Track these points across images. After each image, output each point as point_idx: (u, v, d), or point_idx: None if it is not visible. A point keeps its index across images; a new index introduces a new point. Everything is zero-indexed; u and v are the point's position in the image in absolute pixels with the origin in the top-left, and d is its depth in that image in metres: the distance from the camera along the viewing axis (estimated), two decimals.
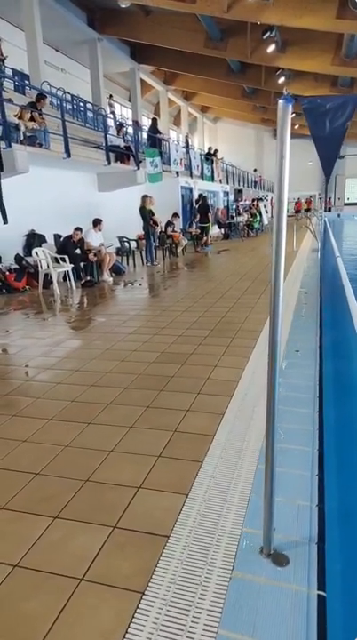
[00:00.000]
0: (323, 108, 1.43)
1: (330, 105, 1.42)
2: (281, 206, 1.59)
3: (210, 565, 1.90)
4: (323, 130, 1.43)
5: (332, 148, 1.48)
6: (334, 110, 1.42)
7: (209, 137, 37.85)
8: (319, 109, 1.43)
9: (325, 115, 1.42)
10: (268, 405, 1.85)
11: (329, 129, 1.43)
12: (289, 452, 2.73)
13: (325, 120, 1.42)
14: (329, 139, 1.44)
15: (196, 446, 2.84)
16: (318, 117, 1.43)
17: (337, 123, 1.42)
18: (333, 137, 1.44)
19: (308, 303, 6.66)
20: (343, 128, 1.42)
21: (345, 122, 1.42)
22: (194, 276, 10.29)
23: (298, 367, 4.12)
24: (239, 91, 26.88)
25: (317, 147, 1.46)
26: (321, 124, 1.43)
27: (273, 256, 1.70)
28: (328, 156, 1.48)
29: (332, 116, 1.42)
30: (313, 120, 1.44)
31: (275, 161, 1.56)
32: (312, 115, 1.44)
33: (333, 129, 1.42)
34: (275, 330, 1.77)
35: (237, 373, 4.03)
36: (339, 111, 1.42)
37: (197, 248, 15.19)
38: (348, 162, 39.84)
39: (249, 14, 14.33)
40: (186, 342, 5.04)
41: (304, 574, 1.85)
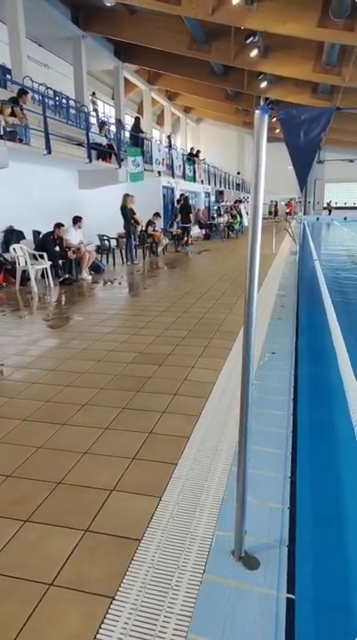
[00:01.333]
0: (299, 119, 1.45)
1: (305, 116, 1.44)
2: (257, 212, 1.60)
3: (182, 569, 1.91)
4: (298, 140, 1.45)
5: (306, 158, 1.50)
6: (309, 122, 1.44)
7: (191, 137, 37.92)
8: (294, 120, 1.45)
9: (300, 126, 1.45)
10: (241, 408, 1.87)
11: (303, 140, 1.45)
12: (262, 454, 2.75)
13: (300, 131, 1.45)
14: (303, 149, 1.47)
15: (171, 448, 2.85)
16: (293, 128, 1.45)
17: (312, 134, 1.45)
18: (307, 147, 1.46)
19: (285, 306, 6.74)
20: (317, 139, 1.45)
21: (319, 133, 1.44)
22: (174, 276, 10.30)
23: (274, 369, 4.17)
24: (222, 93, 27.02)
25: (292, 157, 1.48)
26: (296, 135, 1.45)
27: (247, 260, 1.71)
28: (302, 165, 1.50)
29: (307, 128, 1.45)
30: (289, 130, 1.46)
31: (252, 168, 1.57)
32: (287, 125, 1.46)
33: (308, 140, 1.45)
34: (249, 332, 1.79)
35: (214, 375, 4.05)
36: (314, 123, 1.45)
37: (178, 248, 15.21)
38: (327, 167, 40.48)
39: (233, 19, 14.43)
40: (164, 343, 5.04)
41: (274, 577, 1.88)
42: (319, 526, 2.54)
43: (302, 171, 1.49)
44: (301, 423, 3.31)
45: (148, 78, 26.13)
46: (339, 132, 32.14)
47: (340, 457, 3.17)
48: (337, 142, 35.60)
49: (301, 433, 3.17)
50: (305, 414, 3.53)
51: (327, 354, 4.50)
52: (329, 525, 2.58)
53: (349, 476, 2.96)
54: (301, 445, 3.00)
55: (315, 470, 3.00)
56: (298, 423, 3.26)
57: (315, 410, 3.85)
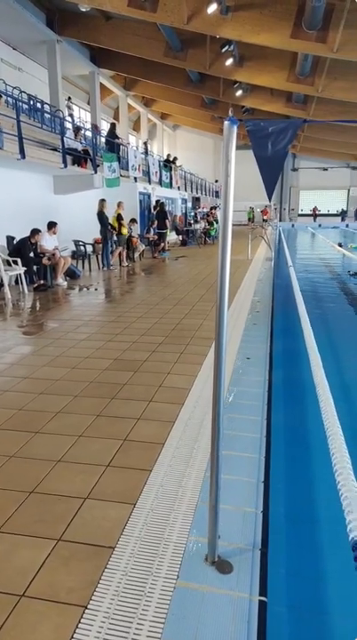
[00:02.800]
0: (266, 131, 1.49)
1: (273, 128, 1.48)
2: (227, 220, 1.63)
3: (155, 575, 1.91)
4: (266, 152, 1.49)
5: (274, 169, 1.54)
6: (276, 134, 1.48)
7: (168, 144, 38.13)
8: (262, 132, 1.49)
9: (268, 137, 1.48)
10: (214, 414, 1.89)
11: (271, 151, 1.49)
12: (237, 459, 2.78)
13: (268, 142, 1.49)
14: (271, 160, 1.51)
15: (146, 455, 2.85)
16: (261, 139, 1.49)
17: (279, 146, 1.49)
18: (275, 159, 1.50)
19: (260, 311, 6.83)
20: (284, 151, 1.49)
21: (286, 145, 1.48)
22: (150, 282, 10.30)
23: (249, 374, 4.21)
24: (198, 100, 27.29)
25: (260, 167, 1.52)
26: (263, 146, 1.49)
27: (218, 267, 1.74)
28: (269, 176, 1.54)
29: (274, 139, 1.49)
30: (257, 142, 1.49)
31: (221, 177, 1.60)
32: (255, 137, 1.49)
33: (275, 151, 1.49)
34: (221, 339, 1.81)
35: (189, 380, 4.07)
36: (281, 135, 1.49)
37: (154, 254, 15.23)
38: (302, 174, 41.33)
39: (209, 28, 14.61)
40: (140, 349, 5.03)
41: (246, 581, 1.89)
42: (292, 529, 2.57)
43: (269, 181, 1.52)
44: (275, 427, 3.36)
45: (124, 84, 26.20)
46: (314, 141, 32.91)
47: (313, 460, 3.23)
48: (311, 151, 36.46)
49: (275, 437, 3.22)
50: (278, 419, 3.58)
51: (300, 358, 4.57)
52: (301, 528, 2.62)
53: (321, 479, 3.01)
54: (275, 449, 3.05)
55: (288, 474, 3.05)
56: (272, 427, 3.30)
57: (289, 414, 3.91)
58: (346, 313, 7.87)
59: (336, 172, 40.28)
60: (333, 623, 2.11)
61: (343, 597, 2.20)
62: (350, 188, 41.24)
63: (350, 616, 2.15)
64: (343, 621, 2.08)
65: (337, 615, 2.11)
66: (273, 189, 1.53)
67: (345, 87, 17.61)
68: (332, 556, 2.39)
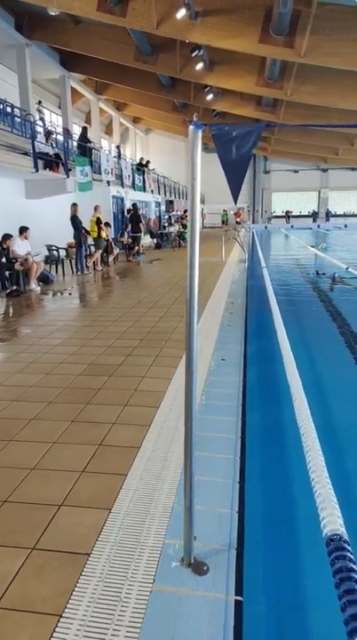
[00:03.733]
0: (230, 135, 1.51)
1: (237, 132, 1.50)
2: (194, 224, 1.65)
3: (131, 580, 1.90)
4: (230, 155, 1.51)
5: (238, 172, 1.56)
6: (240, 137, 1.51)
7: (141, 147, 38.13)
8: (226, 136, 1.51)
9: (232, 141, 1.51)
10: (186, 416, 1.90)
11: (235, 155, 1.51)
12: (212, 460, 2.80)
13: (232, 146, 1.51)
14: (235, 164, 1.53)
15: (121, 459, 2.83)
16: (226, 144, 1.51)
17: (243, 149, 1.51)
18: (239, 162, 1.52)
19: (235, 313, 6.89)
20: (248, 154, 1.52)
21: (250, 148, 1.51)
22: (125, 286, 10.27)
23: (223, 375, 4.24)
24: (170, 104, 27.38)
25: (225, 171, 1.54)
26: (228, 150, 1.51)
27: (187, 270, 1.75)
28: (235, 179, 1.56)
29: (239, 143, 1.51)
30: (221, 146, 1.52)
31: (188, 181, 1.62)
32: (219, 141, 1.52)
33: (239, 155, 1.51)
34: (191, 340, 1.83)
35: (165, 384, 4.07)
36: (245, 138, 1.51)
37: (129, 257, 15.19)
38: (273, 177, 41.93)
39: (178, 32, 14.69)
40: (114, 353, 5.01)
41: (222, 581, 1.91)
42: (268, 528, 2.60)
43: (235, 184, 1.55)
44: (250, 428, 3.39)
45: (96, 88, 26.07)
46: (284, 143, 33.44)
47: (288, 459, 3.27)
48: (282, 153, 37.00)
49: (250, 437, 3.25)
50: (253, 419, 3.62)
51: (274, 359, 4.63)
52: (277, 527, 2.66)
53: (297, 478, 3.05)
54: (250, 449, 3.08)
55: (264, 473, 3.09)
56: (247, 428, 3.34)
57: (264, 414, 3.96)
58: (318, 312, 8.02)
59: (306, 175, 41.01)
60: (310, 619, 2.15)
61: (319, 593, 2.23)
62: (320, 189, 42.05)
63: (327, 612, 2.19)
64: (320, 617, 2.12)
65: (315, 611, 2.15)
66: (238, 192, 1.55)
67: (313, 91, 17.96)
68: (308, 552, 2.43)
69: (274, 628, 2.06)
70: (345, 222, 37.91)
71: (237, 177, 1.56)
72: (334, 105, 18.73)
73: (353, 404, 4.30)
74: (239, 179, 1.56)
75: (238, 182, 1.56)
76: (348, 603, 1.60)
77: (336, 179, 40.92)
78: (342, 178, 40.55)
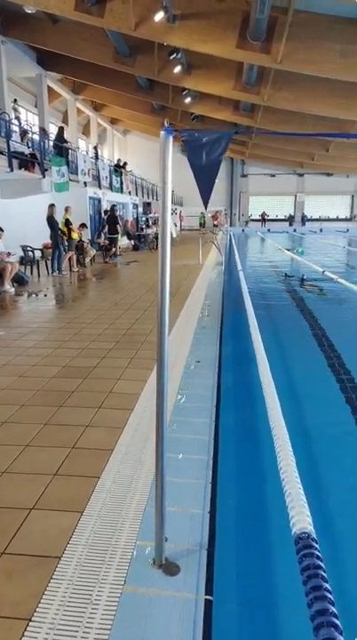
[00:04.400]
0: (201, 141, 1.54)
1: (207, 139, 1.53)
2: (165, 228, 1.67)
3: (102, 583, 1.90)
4: (200, 161, 1.54)
5: (208, 177, 1.59)
6: (210, 144, 1.54)
7: (119, 149, 38.01)
8: (197, 142, 1.54)
9: (202, 147, 1.54)
10: (158, 418, 1.91)
11: (205, 160, 1.54)
12: (185, 461, 2.82)
13: (202, 152, 1.54)
14: (205, 169, 1.56)
15: (94, 462, 2.83)
16: (196, 149, 1.54)
17: (213, 155, 1.54)
18: (209, 168, 1.55)
19: (211, 315, 6.94)
20: (218, 160, 1.54)
21: (220, 154, 1.54)
22: (101, 288, 10.22)
23: (198, 377, 4.27)
24: (148, 106, 27.39)
25: (195, 176, 1.57)
26: (198, 156, 1.54)
27: (159, 273, 1.77)
28: (205, 184, 1.59)
29: (209, 149, 1.54)
30: (192, 151, 1.54)
31: (159, 185, 1.64)
32: (190, 147, 1.54)
33: (209, 161, 1.54)
34: (163, 342, 1.84)
35: (140, 386, 4.08)
36: (215, 144, 1.54)
37: (106, 259, 15.12)
38: (251, 181, 42.41)
39: (156, 35, 14.72)
40: (89, 355, 4.98)
41: (193, 581, 1.92)
42: (239, 528, 2.64)
43: (205, 189, 1.57)
44: (223, 429, 3.43)
45: (73, 88, 25.87)
46: (262, 148, 33.86)
47: (261, 459, 3.32)
48: (260, 158, 37.47)
49: (223, 438, 3.28)
50: (227, 420, 3.66)
51: (249, 360, 4.69)
52: (249, 526, 2.69)
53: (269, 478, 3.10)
54: (223, 450, 3.11)
55: (237, 474, 3.12)
56: (220, 429, 3.37)
57: (237, 415, 4.00)
58: (291, 313, 8.15)
59: (283, 179, 41.63)
60: (281, 616, 2.18)
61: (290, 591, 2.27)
62: (296, 194, 42.73)
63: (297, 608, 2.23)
64: (290, 614, 2.15)
65: (285, 608, 2.18)
66: (208, 197, 1.58)
67: (289, 97, 18.25)
68: (279, 551, 2.47)
69: (245, 625, 2.09)
70: (320, 226, 38.63)
71: (207, 182, 1.59)
72: (309, 111, 19.08)
73: (324, 404, 4.40)
74: (209, 184, 1.59)
75: (208, 187, 1.59)
76: (314, 599, 1.64)
77: (311, 183, 41.67)
78: (317, 183, 41.32)
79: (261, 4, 11.60)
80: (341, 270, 14.16)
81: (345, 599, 2.13)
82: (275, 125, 22.18)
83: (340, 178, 40.55)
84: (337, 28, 13.65)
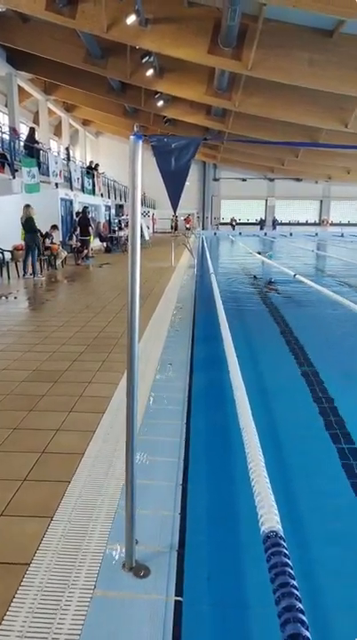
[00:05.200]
0: (169, 147, 1.56)
1: (176, 145, 1.56)
2: (135, 231, 1.68)
3: (72, 588, 1.89)
4: (169, 166, 1.56)
5: (177, 183, 1.62)
6: (179, 150, 1.56)
7: (91, 150, 37.75)
8: (165, 148, 1.56)
9: (171, 153, 1.56)
10: (128, 421, 1.92)
11: (174, 166, 1.56)
12: (156, 463, 2.82)
13: (171, 158, 1.56)
14: (174, 175, 1.58)
15: (64, 466, 2.80)
16: (165, 155, 1.56)
17: (182, 161, 1.56)
18: (178, 173, 1.58)
19: (183, 317, 6.98)
20: (186, 166, 1.57)
21: (188, 160, 1.57)
22: (73, 290, 10.12)
23: (170, 380, 4.29)
24: (120, 108, 27.35)
25: (164, 181, 1.59)
26: (167, 161, 1.56)
27: (128, 277, 1.78)
28: (174, 190, 1.61)
29: (177, 155, 1.56)
30: (161, 157, 1.56)
31: (129, 191, 1.65)
32: (159, 152, 1.56)
33: (178, 166, 1.56)
34: (133, 345, 1.85)
35: (111, 389, 4.06)
36: (184, 150, 1.57)
37: (78, 261, 14.98)
38: (223, 184, 42.85)
39: (128, 38, 14.75)
40: (60, 359, 4.93)
41: (163, 583, 1.93)
42: (210, 528, 2.66)
43: (174, 194, 1.60)
44: (194, 431, 3.46)
45: (44, 88, 25.59)
46: (234, 152, 34.28)
47: (231, 460, 3.35)
48: (231, 162, 37.92)
49: (194, 440, 3.31)
50: (198, 422, 3.69)
51: (220, 362, 4.74)
52: (220, 527, 2.72)
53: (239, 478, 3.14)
54: (194, 452, 3.14)
55: (207, 475, 3.15)
56: (191, 431, 3.40)
57: (208, 417, 4.04)
58: (261, 314, 8.28)
59: (254, 183, 42.24)
60: (252, 615, 2.22)
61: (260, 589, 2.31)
62: (267, 198, 43.43)
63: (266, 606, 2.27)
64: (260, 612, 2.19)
65: (256, 607, 2.22)
66: (177, 202, 1.60)
67: (260, 103, 18.57)
68: (250, 550, 2.50)
69: (215, 625, 2.11)
70: (290, 230, 39.36)
71: (176, 187, 1.61)
72: (279, 117, 19.45)
73: (292, 403, 4.49)
74: (178, 189, 1.62)
75: (177, 193, 1.61)
76: (282, 596, 1.68)
77: (282, 188, 42.45)
78: (288, 188, 42.12)
79: (232, 11, 11.78)
80: (310, 272, 14.47)
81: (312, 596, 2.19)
82: (246, 130, 22.52)
83: (309, 184, 41.47)
84: (306, 38, 14.01)
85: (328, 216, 43.97)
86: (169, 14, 14.29)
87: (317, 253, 21.79)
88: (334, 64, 14.23)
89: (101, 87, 22.61)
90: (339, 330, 7.26)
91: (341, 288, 10.85)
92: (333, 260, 18.26)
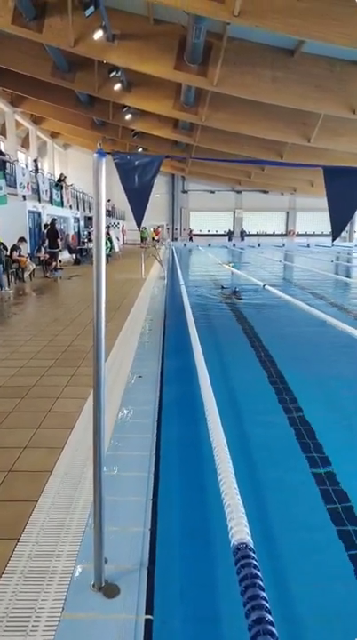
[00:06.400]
0: (133, 164, 1.58)
1: (139, 162, 1.57)
2: (99, 247, 1.68)
3: (39, 612, 1.84)
4: (133, 183, 1.58)
5: (141, 199, 1.63)
6: (142, 167, 1.58)
7: (59, 162, 37.53)
8: (129, 165, 1.58)
9: (134, 170, 1.58)
10: (95, 436, 1.90)
11: (138, 183, 1.58)
12: (126, 478, 2.80)
13: (134, 175, 1.58)
14: (138, 191, 1.60)
15: (32, 485, 2.74)
16: (128, 172, 1.58)
17: (145, 178, 1.58)
18: (142, 190, 1.59)
19: (153, 329, 6.97)
20: (150, 183, 1.59)
21: (151, 177, 1.59)
22: (41, 303, 9.97)
23: (140, 393, 4.27)
24: (88, 121, 27.36)
25: (128, 197, 1.60)
26: (131, 178, 1.58)
27: (94, 288, 1.77)
28: (137, 206, 1.63)
29: (141, 172, 1.58)
30: (124, 174, 1.58)
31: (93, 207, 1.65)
32: (122, 169, 1.58)
33: (141, 183, 1.58)
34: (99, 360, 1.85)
35: (80, 404, 4.01)
36: (147, 167, 1.59)
37: (46, 273, 14.79)
38: (191, 196, 43.34)
39: (95, 52, 14.83)
40: (28, 374, 4.84)
41: (133, 601, 1.91)
42: (181, 543, 2.64)
43: (137, 210, 1.61)
44: (165, 444, 3.44)
45: (11, 100, 25.37)
46: (202, 165, 34.78)
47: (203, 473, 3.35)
48: (200, 175, 38.45)
49: (165, 454, 3.29)
50: (169, 435, 3.67)
51: (190, 374, 4.75)
52: (191, 541, 2.70)
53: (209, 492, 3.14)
54: (164, 466, 3.12)
55: (178, 489, 3.14)
56: (162, 444, 3.38)
57: (179, 430, 4.03)
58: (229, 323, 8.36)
59: (222, 195, 42.92)
60: (224, 629, 2.20)
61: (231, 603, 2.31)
62: (235, 210, 44.18)
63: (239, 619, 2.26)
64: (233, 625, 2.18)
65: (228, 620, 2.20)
66: (141, 218, 1.62)
67: (226, 118, 18.94)
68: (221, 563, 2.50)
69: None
70: (258, 241, 40.07)
71: (140, 204, 1.63)
72: (244, 132, 19.90)
73: (262, 413, 4.53)
74: (142, 205, 1.63)
75: (141, 209, 1.62)
76: (252, 608, 1.68)
77: (249, 200, 43.29)
78: (255, 200, 42.98)
79: (197, 29, 12.03)
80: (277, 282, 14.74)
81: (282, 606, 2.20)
82: (213, 144, 22.91)
83: (275, 196, 42.45)
84: (269, 56, 14.45)
85: (294, 227, 45.05)
86: (135, 30, 14.47)
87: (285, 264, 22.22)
88: (295, 82, 14.70)
89: (69, 100, 22.58)
90: (307, 337, 7.40)
91: (306, 296, 11.09)
92: (300, 271, 18.67)
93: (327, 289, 12.95)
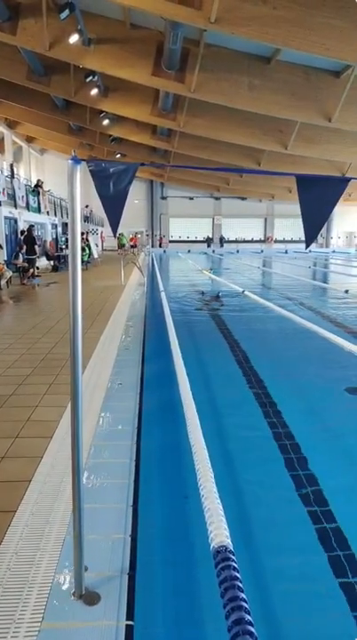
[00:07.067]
0: (108, 172, 1.59)
1: (114, 169, 1.59)
2: (75, 255, 1.69)
3: (18, 623, 1.82)
4: (108, 191, 1.59)
5: (116, 207, 1.65)
6: (117, 174, 1.60)
7: (36, 168, 37.21)
8: (104, 172, 1.59)
9: (109, 178, 1.59)
10: (73, 444, 1.90)
11: (113, 190, 1.59)
12: (106, 486, 2.79)
13: (110, 182, 1.59)
14: (113, 198, 1.61)
15: (10, 495, 2.70)
16: (103, 179, 1.59)
17: (121, 186, 1.60)
18: (117, 198, 1.61)
19: (133, 335, 6.96)
20: (125, 191, 1.61)
21: (127, 185, 1.60)
22: (18, 310, 9.85)
23: (120, 400, 4.26)
24: (65, 126, 27.22)
25: (103, 205, 1.61)
26: (106, 186, 1.59)
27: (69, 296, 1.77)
28: (113, 214, 1.64)
29: (116, 180, 1.60)
30: (99, 182, 1.59)
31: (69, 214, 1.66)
32: (97, 177, 1.59)
33: (117, 191, 1.60)
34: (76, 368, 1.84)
35: (59, 412, 3.97)
36: (122, 175, 1.60)
37: (24, 280, 14.62)
38: (170, 203, 43.48)
39: (71, 56, 14.80)
40: (4, 383, 4.77)
41: (114, 608, 1.90)
42: (162, 549, 2.65)
43: (113, 218, 1.62)
44: (145, 451, 3.43)
45: None
46: (180, 171, 34.94)
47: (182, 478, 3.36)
48: (179, 181, 38.65)
49: (145, 460, 3.29)
50: (149, 442, 3.67)
51: (170, 380, 4.76)
52: (172, 546, 2.71)
53: (190, 496, 3.15)
54: (144, 473, 3.11)
55: (158, 495, 3.14)
56: (142, 451, 3.38)
57: (159, 436, 4.03)
58: (209, 329, 8.41)
59: (201, 202, 43.20)
60: (207, 632, 2.21)
61: (213, 605, 2.32)
62: (214, 216, 44.50)
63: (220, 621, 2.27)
64: (215, 628, 2.18)
65: (210, 623, 2.21)
66: (116, 225, 1.63)
67: (204, 125, 19.12)
68: (202, 567, 2.51)
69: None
70: (237, 247, 40.43)
71: (115, 211, 1.64)
72: (222, 138, 20.11)
73: (241, 417, 4.57)
74: (117, 213, 1.64)
75: (116, 216, 1.64)
76: (231, 610, 1.70)
77: (228, 207, 43.69)
78: (233, 206, 43.41)
79: (174, 35, 12.14)
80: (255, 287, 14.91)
81: (262, 607, 2.23)
82: (192, 150, 23.07)
83: (254, 202, 42.95)
84: (245, 63, 14.66)
85: (272, 233, 45.62)
86: (112, 35, 14.50)
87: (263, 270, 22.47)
88: (272, 89, 14.96)
89: (45, 104, 22.45)
90: (285, 340, 7.51)
91: (285, 301, 11.24)
92: (278, 277, 18.91)
93: (304, 293, 13.15)
